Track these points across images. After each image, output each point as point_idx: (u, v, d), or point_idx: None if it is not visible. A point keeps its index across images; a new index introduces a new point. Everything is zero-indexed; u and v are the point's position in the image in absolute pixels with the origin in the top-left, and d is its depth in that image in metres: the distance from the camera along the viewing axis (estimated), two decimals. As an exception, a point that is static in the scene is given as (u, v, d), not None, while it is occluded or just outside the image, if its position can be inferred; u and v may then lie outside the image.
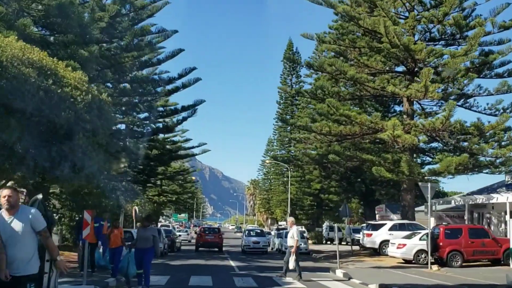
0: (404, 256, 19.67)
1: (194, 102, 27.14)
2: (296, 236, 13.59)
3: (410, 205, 25.10)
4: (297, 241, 13.59)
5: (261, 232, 30.59)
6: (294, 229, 13.81)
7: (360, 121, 22.76)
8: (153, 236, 10.49)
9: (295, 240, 13.55)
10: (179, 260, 20.95)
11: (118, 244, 12.43)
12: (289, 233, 14.05)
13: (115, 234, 12.51)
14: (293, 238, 13.59)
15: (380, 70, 25.11)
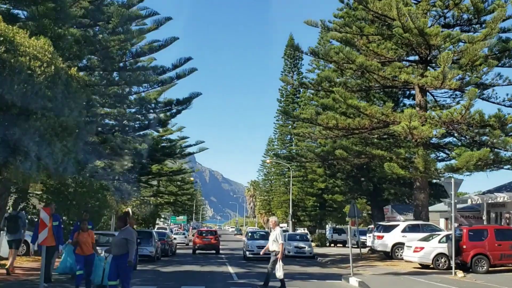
0: (421, 260, 17.70)
1: (190, 94, 25.18)
2: (280, 239, 11.46)
3: (424, 204, 23.12)
4: (282, 245, 11.47)
5: (266, 235, 24.74)
6: (278, 230, 11.63)
7: (370, 113, 20.83)
8: (126, 240, 8.50)
9: (280, 243, 11.42)
10: (172, 266, 18.97)
11: (90, 250, 10.43)
12: (271, 235, 11.78)
13: (85, 239, 10.50)
14: (277, 241, 11.47)
15: (390, 58, 23.16)
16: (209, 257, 25.34)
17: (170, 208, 64.37)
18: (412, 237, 20.79)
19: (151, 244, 20.42)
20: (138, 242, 21.01)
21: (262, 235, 25.48)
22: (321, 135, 25.11)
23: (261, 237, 25.16)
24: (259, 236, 25.47)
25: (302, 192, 44.67)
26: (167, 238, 25.44)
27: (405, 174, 21.20)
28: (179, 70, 24.36)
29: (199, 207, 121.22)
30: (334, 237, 42.12)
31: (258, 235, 26.06)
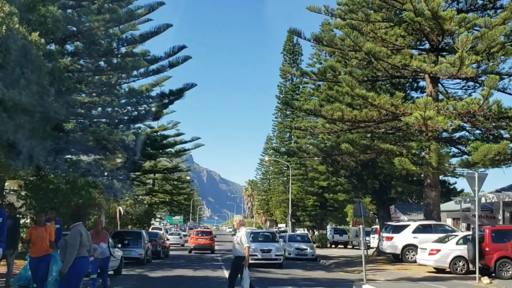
0: (438, 264, 16.05)
1: (184, 85, 23.48)
2: (245, 242, 9.34)
3: (435, 203, 21.48)
4: (247, 248, 9.37)
5: (271, 236, 21.58)
6: (243, 232, 9.61)
7: (379, 104, 19.16)
8: (66, 242, 6.61)
9: (245, 247, 9.31)
10: (162, 270, 17.25)
11: (46, 249, 8.75)
12: (236, 237, 9.69)
13: (40, 233, 8.79)
14: (242, 244, 9.37)
15: (399, 46, 21.48)
16: (204, 259, 23.65)
17: (166, 207, 62.66)
18: (423, 238, 19.17)
19: (140, 246, 18.72)
20: (125, 244, 19.67)
21: (266, 237, 21.28)
22: (324, 129, 23.41)
23: (266, 238, 20.92)
24: (264, 238, 21.11)
25: (302, 191, 42.98)
26: (159, 239, 23.71)
27: (416, 170, 19.55)
28: (172, 59, 22.78)
29: (196, 207, 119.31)
30: (335, 238, 40.47)
31: (262, 236, 21.51)
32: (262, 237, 21.25)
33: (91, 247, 7.08)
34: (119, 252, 14.69)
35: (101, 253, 10.18)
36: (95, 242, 9.81)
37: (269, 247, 19.33)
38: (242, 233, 9.61)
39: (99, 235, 10.40)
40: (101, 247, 10.19)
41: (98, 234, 10.42)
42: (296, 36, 21.16)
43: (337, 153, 22.37)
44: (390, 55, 19.71)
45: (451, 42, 22.00)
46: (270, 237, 21.34)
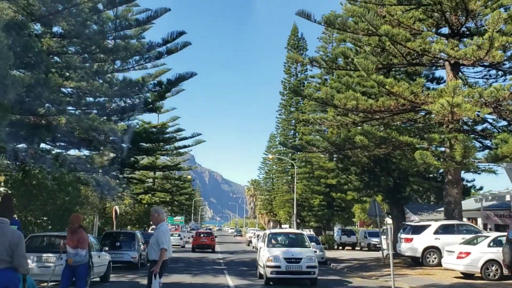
0: (467, 269, 14.21)
1: (184, 73, 21.71)
2: (162, 242, 7.02)
3: (457, 201, 19.62)
4: (163, 251, 6.99)
5: (300, 239, 15.10)
6: (163, 228, 7.24)
7: (398, 92, 17.33)
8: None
9: (160, 249, 7.00)
10: (158, 275, 15.45)
11: None
12: (153, 237, 7.30)
13: None
14: (156, 245, 7.09)
15: (417, 30, 19.68)
16: (204, 262, 21.87)
17: (167, 208, 61.00)
18: (446, 240, 17.37)
19: (134, 248, 16.96)
20: (117, 246, 17.90)
21: (294, 240, 15.03)
22: (335, 122, 21.62)
23: (292, 242, 14.80)
24: (289, 241, 14.98)
25: (307, 190, 41.18)
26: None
27: (438, 165, 17.72)
28: (170, 45, 21.05)
29: (198, 207, 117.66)
30: (342, 239, 38.61)
31: (287, 238, 15.33)
32: (286, 240, 15.12)
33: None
34: (107, 256, 12.92)
35: (77, 261, 7.97)
36: (70, 244, 8.03)
37: (298, 254, 13.37)
38: (161, 230, 7.15)
39: (76, 236, 8.05)
40: (79, 254, 7.87)
41: (75, 234, 8.07)
42: (306, 18, 19.33)
43: (349, 147, 20.53)
44: (409, 39, 17.90)
45: (472, 26, 20.27)
46: (298, 240, 14.93)
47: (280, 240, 15.18)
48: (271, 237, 14.91)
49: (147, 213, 42.22)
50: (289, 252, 13.61)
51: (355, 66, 20.83)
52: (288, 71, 53.76)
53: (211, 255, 27.92)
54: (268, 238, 14.79)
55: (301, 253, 13.47)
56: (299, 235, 15.73)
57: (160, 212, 7.55)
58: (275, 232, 16.07)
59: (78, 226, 8.11)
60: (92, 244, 11.89)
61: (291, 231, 18.84)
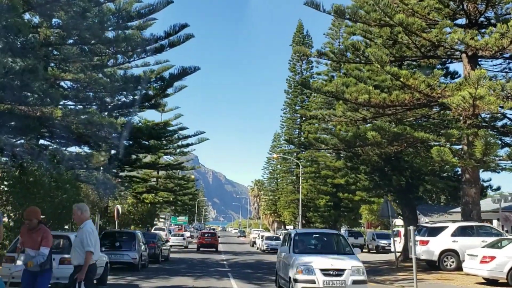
0: (491, 274, 13.18)
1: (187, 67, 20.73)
2: (88, 245, 6.14)
3: (475, 202, 18.57)
4: (88, 254, 6.11)
5: (338, 241, 11.58)
6: (88, 228, 6.29)
7: (413, 84, 16.34)
8: None
9: (86, 253, 6.13)
10: (158, 277, 14.55)
11: None
12: (76, 239, 6.50)
13: None
14: (79, 250, 6.19)
15: (432, 20, 18.69)
16: (208, 264, 20.94)
17: (170, 208, 60.15)
18: (465, 243, 16.34)
19: (134, 249, 16.05)
20: (117, 246, 17.00)
21: (331, 243, 11.48)
22: (344, 118, 20.65)
23: (327, 246, 11.32)
24: (323, 245, 11.46)
25: (313, 190, 40.17)
26: (157, 241, 21.00)
27: (456, 163, 16.70)
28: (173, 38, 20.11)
29: (201, 207, 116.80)
30: (349, 241, 37.51)
31: (320, 240, 11.87)
32: (319, 244, 11.64)
33: None
34: (104, 257, 12.00)
35: (40, 262, 6.29)
36: (29, 244, 6.33)
37: (339, 264, 9.82)
38: (85, 230, 6.21)
39: (38, 234, 6.33)
40: (42, 254, 6.26)
41: (35, 232, 6.35)
42: (314, 8, 18.37)
43: (360, 144, 19.54)
44: (425, 28, 16.90)
45: (491, 16, 19.26)
46: (335, 243, 11.37)
47: (311, 243, 11.47)
48: (299, 239, 10.96)
49: (150, 212, 41.44)
50: (327, 260, 9.79)
51: (366, 59, 19.88)
52: (293, 68, 52.80)
53: (215, 256, 27.03)
54: (294, 240, 10.77)
55: (344, 263, 9.81)
56: (337, 236, 11.72)
57: (83, 210, 6.46)
58: (303, 232, 12.28)
59: (37, 222, 6.47)
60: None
61: (324, 230, 14.35)
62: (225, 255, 28.50)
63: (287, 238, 11.67)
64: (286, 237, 11.96)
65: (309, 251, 10.86)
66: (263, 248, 35.16)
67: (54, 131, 15.55)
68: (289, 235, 11.59)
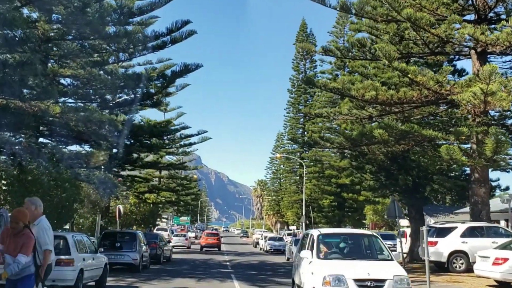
0: (504, 276, 12.69)
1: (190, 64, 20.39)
2: (45, 244, 5.58)
3: (485, 201, 18.11)
4: (47, 254, 5.56)
5: (371, 245, 9.30)
6: (44, 224, 5.72)
7: (421, 81, 15.90)
8: None
9: (45, 252, 5.57)
10: (159, 279, 14.17)
11: None
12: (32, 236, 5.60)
13: None
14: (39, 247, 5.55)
15: (441, 16, 18.24)
16: (210, 265, 20.56)
17: (173, 208, 59.82)
18: (475, 244, 15.85)
19: (134, 250, 15.66)
20: (117, 247, 16.63)
21: (360, 247, 9.40)
22: (350, 116, 20.20)
23: (358, 250, 9.24)
24: (353, 249, 9.29)
25: (317, 190, 39.76)
26: (159, 241, 20.62)
27: (465, 161, 16.24)
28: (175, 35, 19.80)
29: (204, 208, 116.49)
30: (354, 242, 37.14)
31: (351, 246, 9.45)
32: (348, 247, 9.35)
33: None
34: (103, 258, 11.63)
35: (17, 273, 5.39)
36: (11, 250, 5.39)
37: (377, 273, 8.01)
38: (41, 227, 5.59)
39: (21, 239, 5.41)
40: (18, 262, 5.29)
41: (18, 236, 5.43)
42: (320, 3, 17.96)
43: (366, 143, 19.10)
44: (434, 23, 16.45)
45: (501, 11, 18.81)
46: (368, 246, 9.25)
47: (340, 246, 9.32)
48: (324, 241, 8.96)
49: (152, 212, 41.08)
50: (361, 268, 7.93)
51: (372, 56, 19.44)
52: (297, 67, 52.44)
53: (218, 257, 26.64)
54: (317, 243, 8.66)
55: (383, 271, 7.91)
56: (370, 237, 9.33)
57: (37, 205, 5.78)
58: (329, 233, 9.90)
59: (23, 226, 5.51)
60: (85, 244, 10.63)
61: (354, 230, 11.30)
62: (228, 255, 28.11)
63: (308, 240, 9.37)
64: (307, 238, 9.65)
65: (338, 256, 8.79)
66: (266, 249, 34.76)
67: (53, 129, 15.21)
68: (310, 236, 9.30)
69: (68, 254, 9.16)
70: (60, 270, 8.88)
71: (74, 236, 9.95)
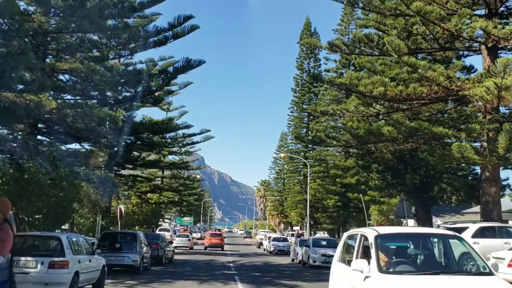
0: (520, 279, 12.13)
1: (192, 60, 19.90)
2: None
3: (496, 201, 17.55)
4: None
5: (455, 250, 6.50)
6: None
7: (431, 76, 15.35)
8: None
9: None
10: (160, 281, 13.67)
11: None
12: None
13: None
14: None
15: (451, 11, 17.68)
16: (213, 266, 20.05)
17: (175, 208, 59.39)
18: (486, 244, 15.21)
19: (135, 251, 15.15)
20: (117, 248, 16.15)
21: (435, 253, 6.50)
22: (357, 113, 19.70)
23: (433, 257, 6.37)
24: (428, 257, 6.27)
25: (321, 190, 39.20)
26: (161, 242, 20.13)
27: (477, 160, 15.68)
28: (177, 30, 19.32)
29: (207, 208, 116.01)
30: (359, 242, 36.55)
31: (425, 253, 6.31)
32: (421, 255, 6.33)
33: None
34: (101, 260, 11.14)
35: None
36: None
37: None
38: None
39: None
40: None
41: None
42: (328, -3, 17.43)
43: (374, 141, 18.56)
44: (444, 17, 15.90)
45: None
46: (452, 253, 6.46)
47: (409, 253, 6.37)
48: (383, 246, 6.08)
49: (155, 213, 40.61)
50: None
51: (380, 51, 18.95)
52: (301, 67, 51.91)
53: (221, 258, 26.14)
54: (375, 248, 5.86)
55: None
56: (452, 239, 6.48)
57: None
58: (391, 234, 6.66)
59: (2, 218, 5.02)
60: (81, 245, 10.14)
61: (426, 230, 7.52)
62: (231, 256, 27.60)
63: (358, 243, 6.43)
64: (353, 240, 6.81)
65: (410, 269, 5.73)
66: (270, 250, 34.25)
67: (51, 126, 14.74)
68: (361, 238, 6.38)
69: (62, 256, 8.67)
70: (54, 273, 8.41)
71: (69, 237, 9.47)
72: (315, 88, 49.17)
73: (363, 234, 6.43)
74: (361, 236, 6.43)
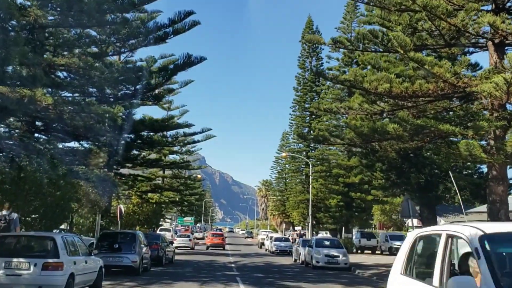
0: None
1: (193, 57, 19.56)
2: None
3: (503, 200, 17.08)
4: None
5: None
6: None
7: (438, 72, 14.94)
8: None
9: None
10: (160, 283, 13.32)
11: None
12: None
13: None
14: None
15: (457, 6, 17.28)
16: (215, 267, 19.71)
17: (176, 208, 59.09)
18: (495, 245, 14.88)
19: (134, 251, 14.81)
20: (116, 248, 15.79)
21: None
22: (361, 111, 19.27)
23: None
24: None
25: (324, 190, 38.77)
26: (161, 242, 19.78)
27: (485, 158, 15.26)
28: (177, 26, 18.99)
29: (208, 208, 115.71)
30: (362, 243, 36.20)
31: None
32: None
33: None
34: (98, 261, 10.79)
35: None
36: None
37: None
38: None
39: None
40: None
41: None
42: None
43: (378, 139, 18.16)
44: (451, 12, 15.50)
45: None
46: None
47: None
48: (496, 254, 3.58)
49: (156, 212, 40.28)
50: None
51: (384, 47, 18.51)
52: (303, 65, 51.51)
53: (222, 258, 25.80)
54: (484, 256, 3.45)
55: None
56: None
57: None
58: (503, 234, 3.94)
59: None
60: (78, 245, 9.79)
61: None
62: (232, 257, 27.26)
63: (443, 249, 4.18)
64: (437, 244, 4.34)
65: None
66: (272, 250, 33.93)
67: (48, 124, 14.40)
68: (450, 240, 4.19)
69: (57, 257, 8.30)
70: (48, 275, 8.05)
71: (64, 237, 9.11)
72: (317, 87, 48.80)
73: (453, 234, 4.12)
74: (447, 238, 4.19)
